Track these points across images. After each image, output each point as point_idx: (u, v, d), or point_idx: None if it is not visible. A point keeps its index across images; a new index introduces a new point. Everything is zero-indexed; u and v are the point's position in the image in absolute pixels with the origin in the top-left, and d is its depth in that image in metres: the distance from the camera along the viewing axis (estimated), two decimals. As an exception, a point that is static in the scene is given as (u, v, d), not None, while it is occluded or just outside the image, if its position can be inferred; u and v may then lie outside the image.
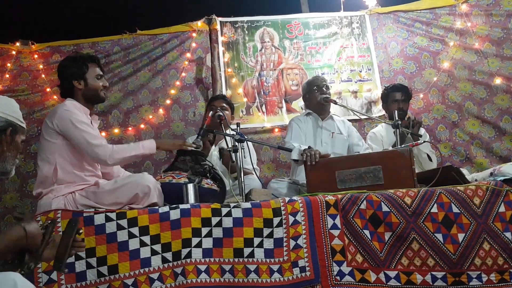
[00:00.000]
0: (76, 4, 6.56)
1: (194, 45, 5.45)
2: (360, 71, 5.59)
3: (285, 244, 2.94)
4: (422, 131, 4.65)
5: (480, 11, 5.49)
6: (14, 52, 5.17)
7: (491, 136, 5.25)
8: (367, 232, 2.99)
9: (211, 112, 3.76)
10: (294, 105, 5.41)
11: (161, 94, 5.34)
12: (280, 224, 2.96)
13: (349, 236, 2.98)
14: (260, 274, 2.85)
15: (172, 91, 5.31)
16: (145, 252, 2.79)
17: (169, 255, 2.81)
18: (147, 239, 2.81)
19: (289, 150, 3.85)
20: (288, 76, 5.53)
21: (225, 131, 3.94)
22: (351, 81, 5.57)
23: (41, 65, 5.19)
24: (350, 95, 5.54)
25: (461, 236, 2.99)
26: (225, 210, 2.93)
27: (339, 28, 5.69)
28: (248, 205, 2.99)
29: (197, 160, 3.41)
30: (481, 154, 5.23)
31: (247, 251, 2.88)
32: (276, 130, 5.35)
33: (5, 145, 2.15)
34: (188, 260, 2.80)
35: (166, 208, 2.90)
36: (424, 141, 4.11)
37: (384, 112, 4.96)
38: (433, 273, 2.93)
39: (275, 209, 2.98)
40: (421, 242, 2.97)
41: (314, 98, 4.45)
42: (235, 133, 3.49)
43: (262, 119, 5.39)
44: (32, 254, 1.93)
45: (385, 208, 3.01)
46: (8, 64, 5.09)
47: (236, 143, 3.44)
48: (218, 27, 5.50)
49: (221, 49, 5.45)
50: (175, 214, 2.86)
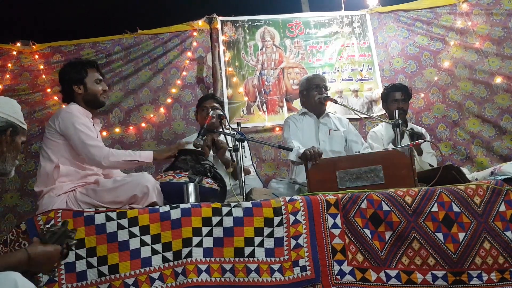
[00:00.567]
0: (76, 4, 6.56)
1: (195, 44, 5.45)
2: (361, 70, 5.60)
3: (285, 243, 2.94)
4: (423, 131, 4.65)
5: (480, 10, 5.49)
6: (14, 53, 5.16)
7: (491, 135, 5.25)
8: (367, 231, 2.99)
9: (211, 112, 3.76)
10: (295, 104, 5.41)
11: (162, 93, 5.35)
12: (280, 224, 2.95)
13: (349, 235, 2.98)
14: (260, 273, 2.85)
15: (173, 90, 5.31)
16: (146, 252, 2.79)
17: (169, 255, 2.80)
18: (147, 238, 2.81)
19: (290, 149, 3.84)
20: (289, 75, 5.54)
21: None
22: (352, 80, 5.57)
23: (42, 66, 5.19)
24: (351, 94, 5.55)
25: (461, 235, 2.99)
26: (225, 210, 2.93)
27: (340, 27, 5.69)
28: (248, 204, 2.99)
29: (197, 160, 3.41)
30: (482, 153, 5.23)
31: (248, 250, 2.88)
32: (277, 129, 5.35)
33: (5, 146, 2.15)
34: (189, 260, 2.80)
35: (166, 208, 2.90)
36: (425, 140, 4.11)
37: (384, 111, 4.96)
38: (434, 272, 2.93)
39: (275, 208, 2.98)
40: (422, 241, 2.97)
41: (313, 97, 4.44)
42: (235, 132, 3.49)
43: (263, 118, 5.40)
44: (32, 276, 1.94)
45: (385, 207, 3.01)
46: (9, 65, 5.08)
47: (237, 143, 3.44)
48: (219, 26, 5.51)
49: (222, 48, 5.45)
50: (175, 214, 2.86)
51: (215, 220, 2.89)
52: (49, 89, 5.14)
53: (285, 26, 5.65)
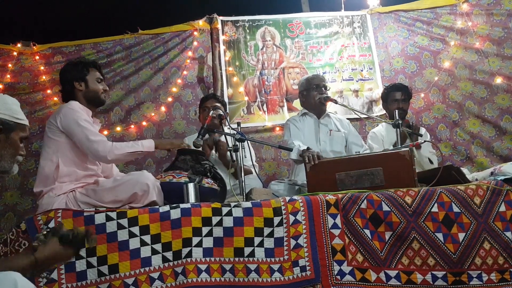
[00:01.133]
0: (76, 4, 6.56)
1: (195, 43, 5.45)
2: (362, 70, 5.60)
3: (285, 243, 2.94)
4: (423, 130, 4.65)
5: (480, 11, 5.49)
6: (15, 53, 5.14)
7: (491, 135, 5.25)
8: (367, 231, 2.99)
9: (212, 112, 3.76)
10: (295, 104, 5.40)
11: (163, 92, 5.35)
12: (280, 224, 2.95)
13: (349, 235, 2.98)
14: (260, 273, 2.85)
15: (174, 89, 5.31)
16: (146, 252, 2.79)
17: (169, 255, 2.81)
18: (147, 238, 2.81)
19: (290, 150, 3.84)
20: (289, 75, 5.54)
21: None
22: (352, 80, 5.58)
23: (42, 66, 5.17)
24: (351, 94, 5.55)
25: (461, 236, 2.99)
26: (225, 210, 2.92)
27: (340, 27, 5.69)
28: (248, 204, 2.99)
29: (197, 160, 3.41)
30: (482, 153, 5.23)
31: (248, 250, 2.88)
32: (277, 129, 5.35)
33: None
34: (189, 260, 2.80)
35: (166, 208, 2.90)
36: (425, 141, 4.12)
37: (385, 111, 4.96)
38: (434, 272, 2.93)
39: (275, 208, 2.98)
40: (422, 242, 2.97)
41: (313, 97, 4.44)
42: (235, 132, 3.49)
43: (263, 118, 5.40)
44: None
45: (385, 208, 3.01)
46: (9, 65, 5.06)
47: (237, 143, 3.44)
48: (219, 26, 5.51)
49: (222, 48, 5.45)
50: (175, 214, 2.86)
51: (215, 220, 2.89)
52: (49, 90, 5.11)
53: (285, 26, 5.65)
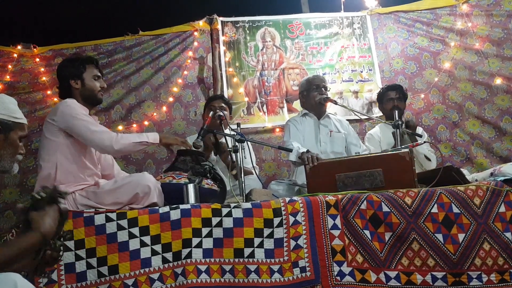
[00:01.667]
0: (76, 5, 6.56)
1: (196, 44, 5.45)
2: (361, 72, 5.60)
3: (285, 244, 2.94)
4: (420, 130, 4.65)
5: (480, 12, 5.49)
6: (15, 55, 5.10)
7: (491, 136, 5.25)
8: (367, 232, 2.99)
9: (211, 113, 3.77)
10: (295, 105, 5.40)
11: (163, 91, 5.34)
12: (280, 224, 2.96)
13: (349, 236, 2.98)
14: (260, 274, 2.85)
15: (175, 89, 5.30)
16: (146, 252, 2.79)
17: (169, 255, 2.81)
18: (147, 239, 2.81)
19: (290, 150, 3.84)
20: (289, 76, 5.54)
21: (225, 131, 3.95)
22: (352, 81, 5.57)
23: (43, 68, 5.15)
24: (351, 95, 5.55)
25: (461, 236, 2.99)
26: (225, 210, 2.93)
27: (340, 28, 5.69)
28: (248, 205, 2.99)
29: (197, 161, 3.41)
30: (482, 154, 5.22)
31: (248, 251, 2.88)
32: (277, 130, 5.35)
33: None
34: (189, 260, 2.80)
35: (166, 208, 2.90)
36: (424, 142, 4.11)
37: (381, 113, 4.97)
38: (433, 273, 2.93)
39: (275, 209, 2.98)
40: (422, 242, 2.97)
41: (313, 98, 4.44)
42: (235, 133, 3.49)
43: (263, 119, 5.40)
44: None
45: (385, 208, 3.01)
46: (9, 66, 5.03)
47: (237, 143, 3.44)
48: (219, 26, 5.50)
49: (222, 48, 5.45)
50: (175, 214, 2.87)
51: (215, 221, 2.89)
52: (49, 91, 5.08)
53: (285, 27, 5.65)
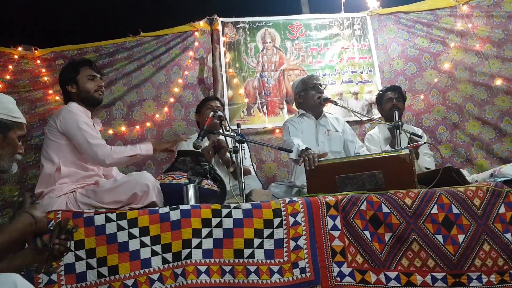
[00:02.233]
0: (77, 5, 6.56)
1: (196, 44, 5.44)
2: (361, 73, 5.59)
3: (285, 245, 2.94)
4: (419, 131, 4.66)
5: (481, 13, 5.48)
6: (16, 57, 5.05)
7: (491, 137, 5.24)
8: (367, 233, 2.99)
9: (212, 113, 3.76)
10: (295, 106, 5.39)
11: (164, 90, 5.32)
12: (280, 225, 2.96)
13: (349, 237, 2.98)
14: (260, 275, 2.85)
15: (176, 89, 5.28)
16: (145, 253, 2.80)
17: (169, 256, 2.81)
18: (147, 239, 2.81)
19: (290, 151, 3.83)
20: (289, 77, 5.53)
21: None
22: (352, 82, 5.57)
23: (44, 69, 5.11)
24: (351, 96, 5.54)
25: (461, 237, 2.99)
26: (225, 211, 2.93)
27: (340, 29, 5.69)
28: (248, 206, 2.99)
29: (197, 161, 3.41)
30: (482, 155, 5.22)
31: (248, 251, 2.89)
32: (277, 131, 5.34)
33: None
34: (188, 261, 2.80)
35: (166, 209, 2.90)
36: (425, 142, 4.12)
37: (380, 114, 4.97)
38: (433, 274, 2.93)
39: (275, 210, 2.98)
40: (421, 243, 2.97)
41: (311, 98, 4.43)
42: (235, 133, 3.49)
43: (263, 120, 5.39)
44: (42, 239, 1.94)
45: (385, 209, 3.01)
46: (10, 66, 4.99)
47: (237, 144, 3.44)
48: (220, 27, 5.50)
49: (223, 49, 5.44)
50: (175, 215, 2.87)
51: (215, 221, 2.90)
52: (50, 90, 5.06)
53: (285, 28, 5.65)
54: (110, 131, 5.05)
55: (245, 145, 3.74)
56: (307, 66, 5.58)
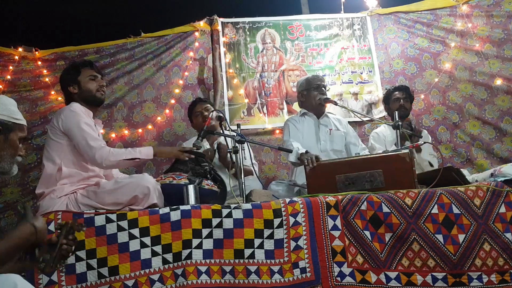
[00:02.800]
0: (78, 6, 6.57)
1: (197, 44, 5.45)
2: (361, 73, 5.60)
3: (285, 245, 2.94)
4: (425, 132, 4.66)
5: (480, 12, 5.49)
6: (16, 57, 5.04)
7: (491, 137, 5.25)
8: (367, 233, 2.99)
9: (212, 113, 3.77)
10: (295, 106, 5.40)
11: (164, 92, 5.33)
12: (280, 225, 2.96)
13: (349, 237, 2.98)
14: (260, 275, 2.85)
15: (176, 90, 5.30)
16: (146, 253, 2.79)
17: (169, 256, 2.81)
18: (147, 240, 2.81)
19: (290, 151, 3.83)
20: (289, 77, 5.54)
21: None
22: (352, 82, 5.58)
23: (45, 69, 5.11)
24: (351, 97, 5.55)
25: (461, 237, 2.99)
26: (225, 211, 2.93)
27: (340, 29, 5.69)
28: (248, 206, 2.99)
29: (197, 161, 3.41)
30: (482, 155, 5.22)
31: (248, 252, 2.88)
32: (277, 131, 5.34)
33: None
34: (189, 261, 2.80)
35: (166, 209, 2.90)
36: (425, 142, 4.11)
37: (385, 113, 4.98)
38: (434, 274, 2.93)
39: (275, 210, 2.98)
40: (422, 243, 2.97)
41: (313, 98, 4.43)
42: (235, 134, 3.49)
43: (263, 120, 5.40)
44: (40, 250, 1.94)
45: (385, 209, 3.01)
46: (11, 67, 4.99)
47: (237, 144, 3.44)
48: (220, 27, 5.51)
49: (223, 49, 5.45)
50: (175, 215, 2.87)
51: (215, 221, 2.90)
52: (51, 89, 5.06)
53: (285, 28, 5.66)
54: (113, 135, 5.07)
55: (245, 145, 3.74)
56: (307, 67, 5.58)
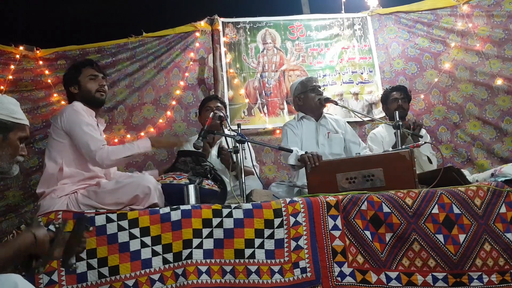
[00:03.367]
0: (78, 6, 6.57)
1: (197, 45, 5.44)
2: (362, 73, 5.59)
3: (286, 245, 2.94)
4: (423, 131, 4.65)
5: (481, 12, 5.49)
6: (17, 56, 5.01)
7: (492, 137, 5.25)
8: (368, 233, 2.99)
9: (212, 113, 3.76)
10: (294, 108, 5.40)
11: (164, 94, 5.32)
12: (281, 225, 2.96)
13: (350, 237, 2.98)
14: (261, 275, 2.85)
15: (177, 92, 5.29)
16: (146, 253, 2.79)
17: (170, 256, 2.81)
18: (148, 240, 2.81)
19: (290, 151, 3.80)
20: (289, 77, 5.54)
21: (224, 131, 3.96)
22: (352, 82, 5.58)
23: (46, 68, 5.09)
24: (351, 97, 5.54)
25: (462, 237, 2.99)
26: (226, 211, 2.93)
27: (341, 29, 5.69)
28: (249, 206, 2.99)
29: (197, 161, 3.41)
30: (482, 155, 5.22)
31: (248, 252, 2.88)
32: (278, 131, 5.34)
33: None
34: (189, 261, 2.80)
35: (167, 209, 2.90)
36: (425, 142, 4.11)
37: (384, 113, 4.97)
38: (434, 274, 2.93)
39: (276, 210, 2.98)
40: (422, 243, 2.97)
41: (312, 99, 4.40)
42: (236, 134, 3.49)
43: (263, 120, 5.40)
44: (38, 259, 1.94)
45: (386, 209, 3.01)
46: (12, 67, 4.96)
47: (237, 144, 3.44)
48: (220, 27, 5.50)
49: (223, 49, 5.45)
50: (176, 215, 2.87)
51: (216, 221, 2.90)
52: (53, 90, 5.05)
53: (286, 28, 5.65)
54: (116, 140, 5.07)
55: (246, 145, 3.74)
56: (308, 67, 5.58)
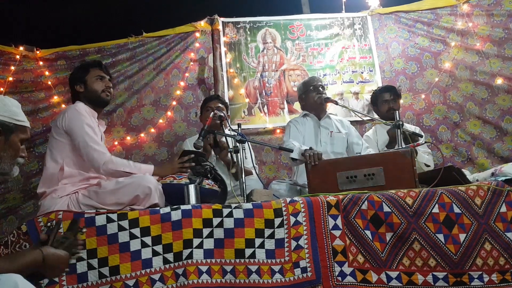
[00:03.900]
0: (77, 6, 6.57)
1: (197, 45, 5.45)
2: (362, 72, 5.60)
3: (286, 244, 2.94)
4: (417, 130, 4.65)
5: (481, 11, 5.49)
6: (18, 57, 5.02)
7: (492, 136, 5.24)
8: (368, 232, 2.99)
9: (212, 113, 3.77)
10: (296, 106, 5.40)
11: (163, 95, 5.33)
12: (281, 225, 2.95)
13: (350, 236, 2.98)
14: (261, 274, 2.85)
15: (177, 92, 5.29)
16: (147, 253, 2.79)
17: (170, 256, 2.81)
18: (148, 240, 2.81)
19: (290, 151, 3.82)
20: (290, 77, 5.54)
21: (225, 131, 3.96)
22: (352, 82, 5.58)
23: (46, 69, 5.10)
24: (352, 96, 5.55)
25: (462, 237, 2.99)
26: (226, 211, 2.93)
27: (341, 29, 5.69)
28: (249, 205, 2.99)
29: (198, 161, 3.41)
30: (483, 154, 5.22)
31: (249, 251, 2.88)
32: (278, 131, 5.35)
33: None
34: (190, 261, 2.80)
35: (167, 209, 2.90)
36: (425, 142, 4.11)
37: (376, 115, 4.96)
38: (435, 273, 2.92)
39: (276, 209, 2.98)
40: (423, 243, 2.96)
41: (311, 98, 4.45)
42: (236, 133, 3.50)
43: (264, 120, 5.40)
44: (39, 276, 1.96)
45: (386, 209, 3.01)
46: (12, 67, 4.97)
47: (238, 144, 3.44)
48: (220, 27, 5.51)
49: (223, 49, 5.45)
50: (176, 215, 2.87)
51: (216, 221, 2.89)
52: (53, 91, 5.06)
53: (286, 28, 5.65)
54: (116, 142, 5.08)
55: (248, 145, 3.75)
56: (308, 66, 5.58)
